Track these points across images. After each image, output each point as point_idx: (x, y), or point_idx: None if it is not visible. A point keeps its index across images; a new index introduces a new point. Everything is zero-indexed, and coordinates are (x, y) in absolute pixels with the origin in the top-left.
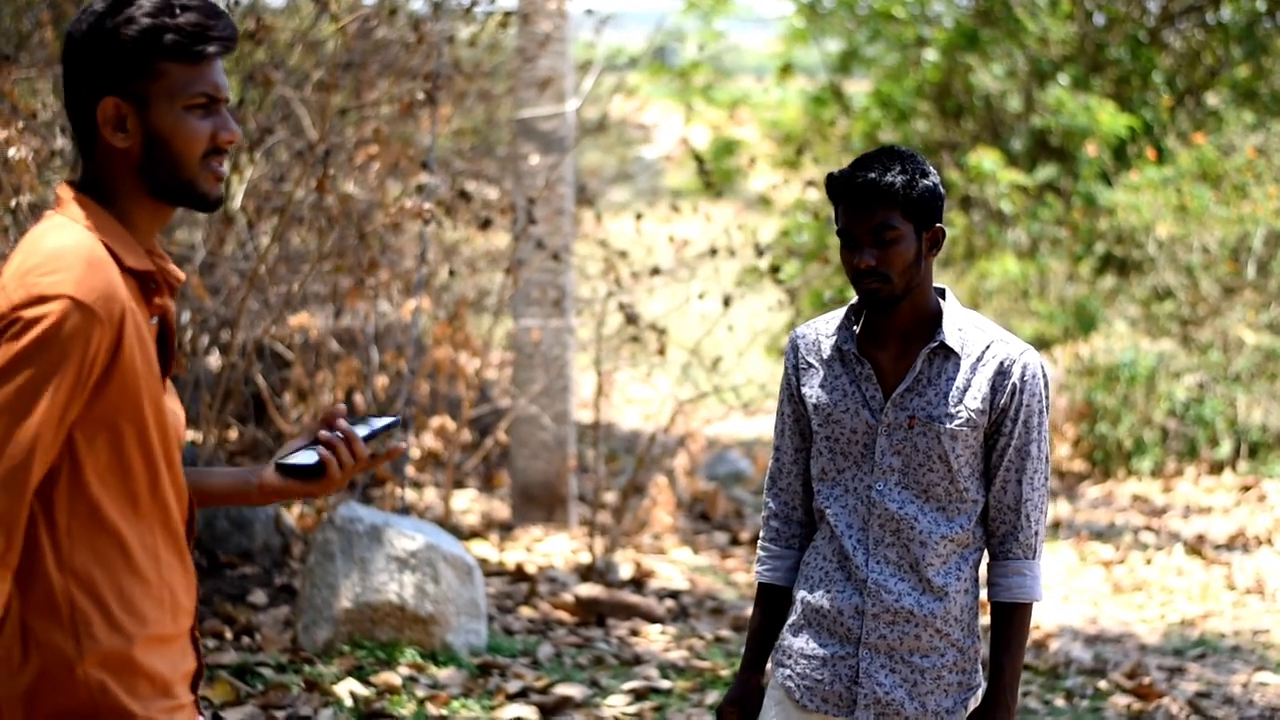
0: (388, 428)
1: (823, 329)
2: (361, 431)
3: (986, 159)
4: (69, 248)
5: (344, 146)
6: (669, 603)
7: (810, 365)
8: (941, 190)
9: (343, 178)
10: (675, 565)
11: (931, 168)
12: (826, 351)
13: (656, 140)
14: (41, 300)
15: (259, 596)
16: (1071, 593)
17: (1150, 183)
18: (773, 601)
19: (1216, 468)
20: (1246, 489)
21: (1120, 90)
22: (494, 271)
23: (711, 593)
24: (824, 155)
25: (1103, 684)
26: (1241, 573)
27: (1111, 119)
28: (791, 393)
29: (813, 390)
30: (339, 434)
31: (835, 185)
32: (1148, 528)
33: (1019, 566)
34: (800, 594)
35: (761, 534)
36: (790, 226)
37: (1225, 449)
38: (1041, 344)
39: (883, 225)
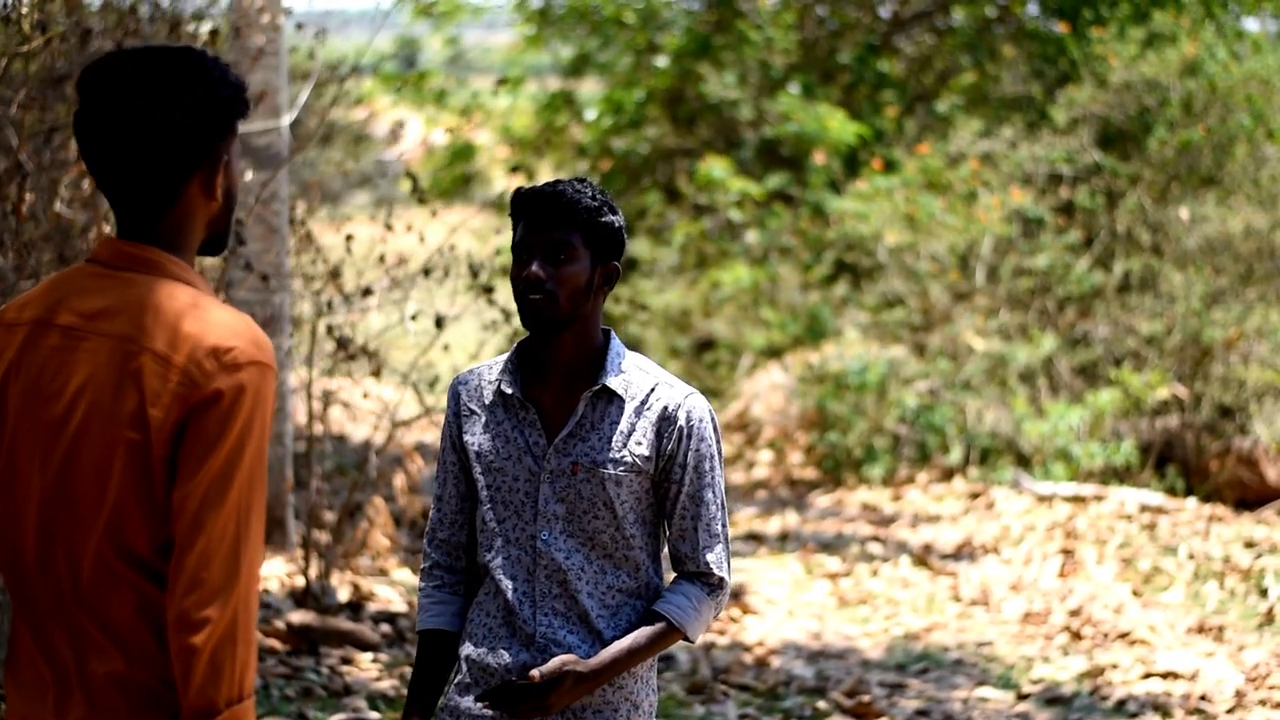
0: None
1: (486, 374)
2: None
3: (716, 167)
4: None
5: (59, 165)
6: (385, 627)
7: (473, 412)
8: (625, 236)
9: (50, 198)
10: (395, 587)
11: (620, 211)
12: (489, 397)
13: (399, 143)
14: None
15: None
16: (796, 607)
17: (878, 191)
18: (437, 647)
19: (948, 474)
20: (975, 496)
21: (850, 98)
22: None
23: None
24: (559, 161)
25: (822, 704)
26: (967, 583)
27: (840, 127)
28: (454, 441)
29: (475, 438)
30: None
31: (521, 199)
32: (875, 538)
33: (693, 593)
34: (465, 652)
35: (422, 582)
36: None
37: (956, 455)
38: (772, 352)
39: (561, 242)
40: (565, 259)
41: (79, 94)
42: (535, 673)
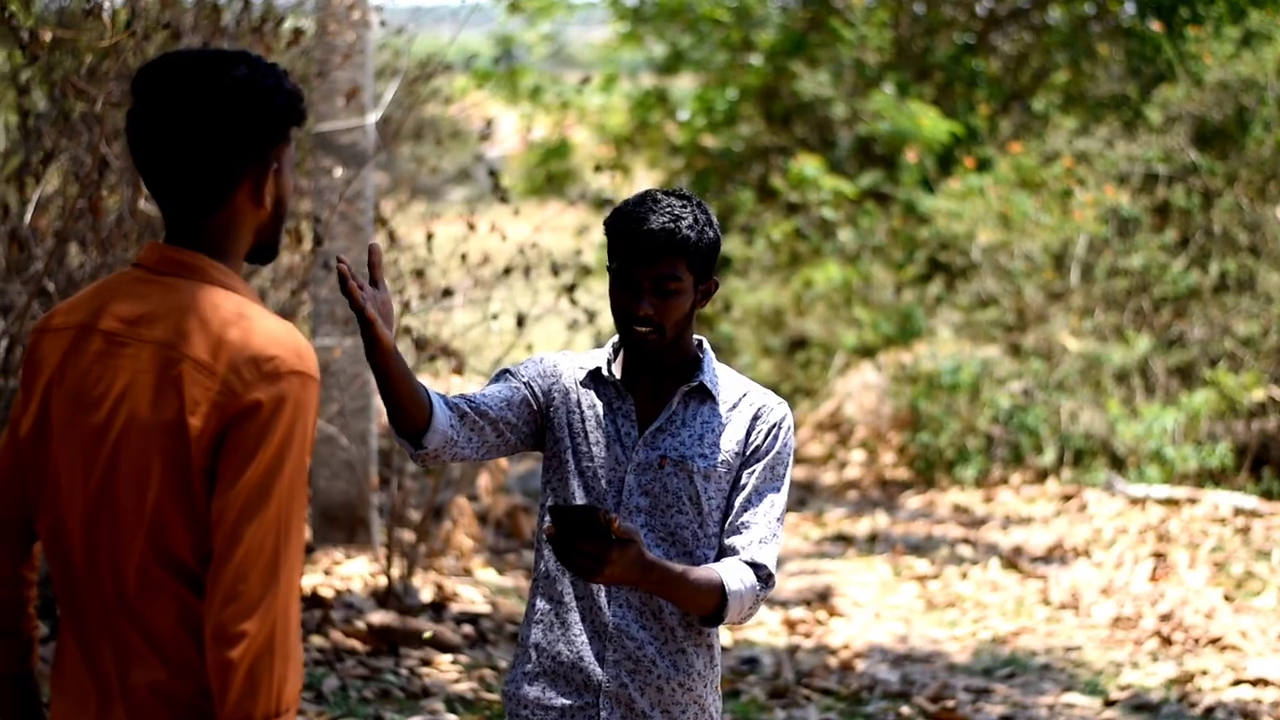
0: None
1: (579, 361)
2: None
3: (808, 165)
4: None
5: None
6: (467, 628)
7: (568, 390)
8: (721, 243)
9: (135, 195)
10: (479, 588)
11: (715, 221)
12: (586, 384)
13: (497, 139)
14: None
15: None
16: (884, 609)
17: (970, 190)
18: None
19: (1040, 475)
20: (1068, 498)
21: (945, 96)
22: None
23: (512, 616)
24: (653, 159)
25: (905, 709)
26: (1057, 587)
27: (933, 125)
28: (535, 391)
29: (565, 409)
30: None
31: (625, 226)
32: (965, 540)
33: (747, 576)
34: (534, 639)
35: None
36: None
37: (1049, 456)
38: (865, 351)
39: (668, 275)
40: (672, 291)
41: (132, 94)
42: (616, 520)
